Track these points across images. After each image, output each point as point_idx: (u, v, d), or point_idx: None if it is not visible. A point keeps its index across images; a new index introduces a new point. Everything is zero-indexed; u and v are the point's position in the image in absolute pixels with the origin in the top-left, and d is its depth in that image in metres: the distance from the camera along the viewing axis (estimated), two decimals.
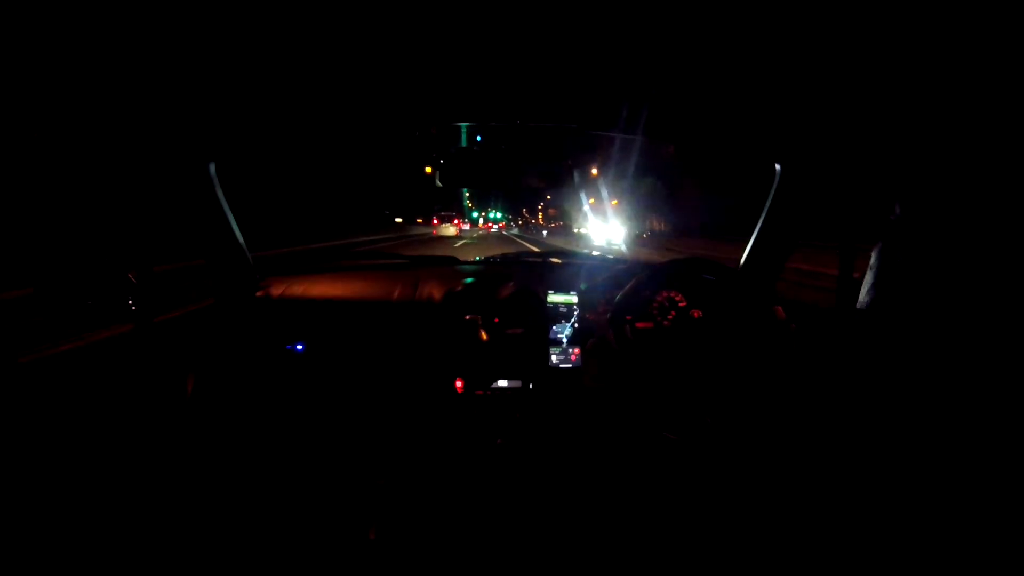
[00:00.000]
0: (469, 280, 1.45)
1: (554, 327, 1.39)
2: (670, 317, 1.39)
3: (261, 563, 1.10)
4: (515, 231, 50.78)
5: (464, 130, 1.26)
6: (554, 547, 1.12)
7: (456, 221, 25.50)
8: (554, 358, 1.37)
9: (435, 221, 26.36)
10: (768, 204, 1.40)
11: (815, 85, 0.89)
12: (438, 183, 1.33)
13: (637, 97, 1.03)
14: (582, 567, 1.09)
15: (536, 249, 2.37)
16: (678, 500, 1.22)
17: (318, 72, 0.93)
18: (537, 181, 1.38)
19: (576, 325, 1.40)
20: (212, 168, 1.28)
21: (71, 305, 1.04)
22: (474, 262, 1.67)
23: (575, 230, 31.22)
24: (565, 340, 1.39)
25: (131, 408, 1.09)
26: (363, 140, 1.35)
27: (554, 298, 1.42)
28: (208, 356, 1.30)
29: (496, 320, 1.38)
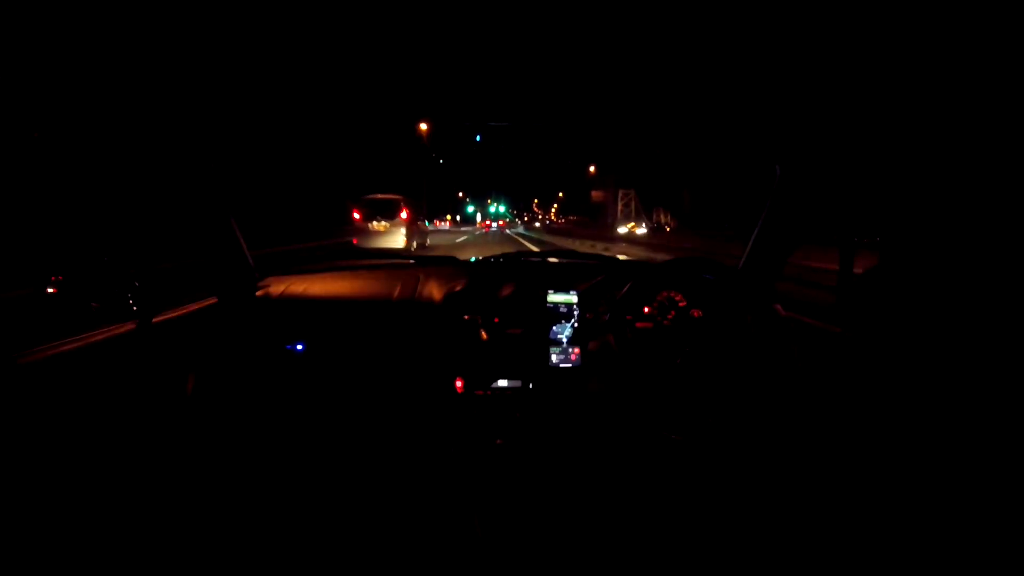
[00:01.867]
0: (469, 280, 1.45)
1: (554, 327, 1.39)
2: (670, 317, 1.39)
3: (261, 563, 1.10)
4: (520, 229, 40.42)
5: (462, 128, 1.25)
6: (555, 547, 1.12)
7: (404, 214, 11.53)
8: (554, 358, 1.37)
9: (355, 216, 11.75)
10: (768, 205, 1.40)
11: (814, 88, 0.89)
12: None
13: (638, 99, 1.03)
14: (583, 567, 1.09)
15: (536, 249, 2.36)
16: (679, 500, 1.22)
17: (318, 72, 0.93)
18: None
19: (576, 325, 1.40)
20: (213, 168, 1.28)
21: (71, 305, 1.04)
22: (474, 262, 1.67)
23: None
24: (565, 340, 1.39)
25: (131, 408, 1.09)
26: (359, 138, 1.34)
27: (554, 298, 1.42)
28: (208, 356, 1.30)
29: (496, 320, 1.39)
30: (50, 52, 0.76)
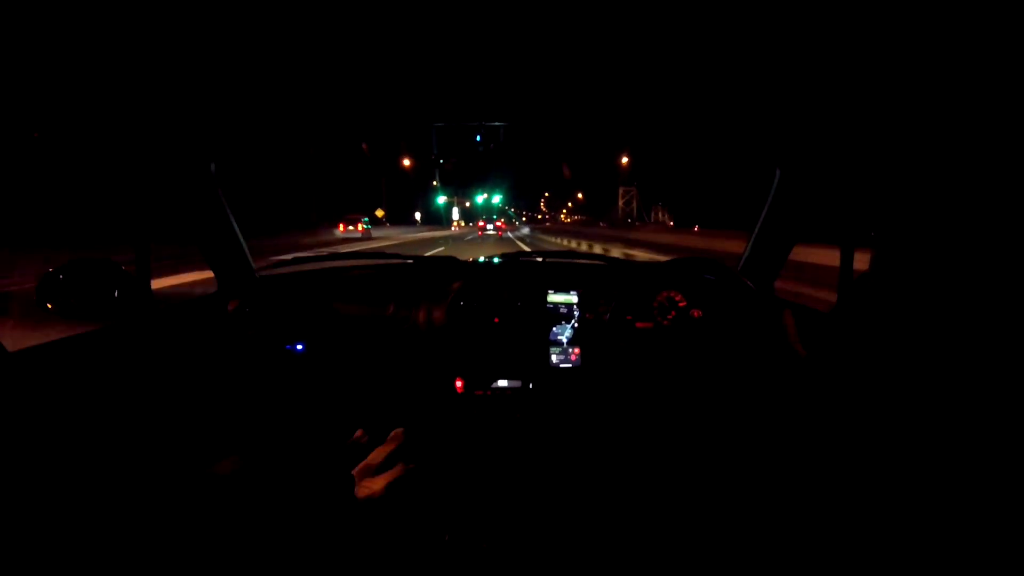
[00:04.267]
0: (468, 280, 1.45)
1: (554, 327, 1.39)
2: (670, 317, 1.39)
3: (258, 564, 1.10)
4: (526, 231, 34.69)
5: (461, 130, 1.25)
6: (555, 547, 1.12)
7: None
8: (554, 358, 1.38)
9: None
10: (767, 206, 1.41)
11: (814, 90, 0.89)
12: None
13: (637, 101, 1.03)
14: (583, 567, 1.09)
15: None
16: (679, 500, 1.22)
17: (317, 72, 0.93)
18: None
19: (576, 325, 1.40)
20: (212, 168, 1.28)
21: (73, 298, 1.04)
22: (473, 262, 1.67)
23: None
24: (565, 340, 1.39)
25: (129, 407, 1.09)
26: (360, 139, 1.34)
27: (554, 298, 1.42)
28: (207, 355, 1.30)
29: (496, 320, 1.39)
30: (54, 52, 0.76)
